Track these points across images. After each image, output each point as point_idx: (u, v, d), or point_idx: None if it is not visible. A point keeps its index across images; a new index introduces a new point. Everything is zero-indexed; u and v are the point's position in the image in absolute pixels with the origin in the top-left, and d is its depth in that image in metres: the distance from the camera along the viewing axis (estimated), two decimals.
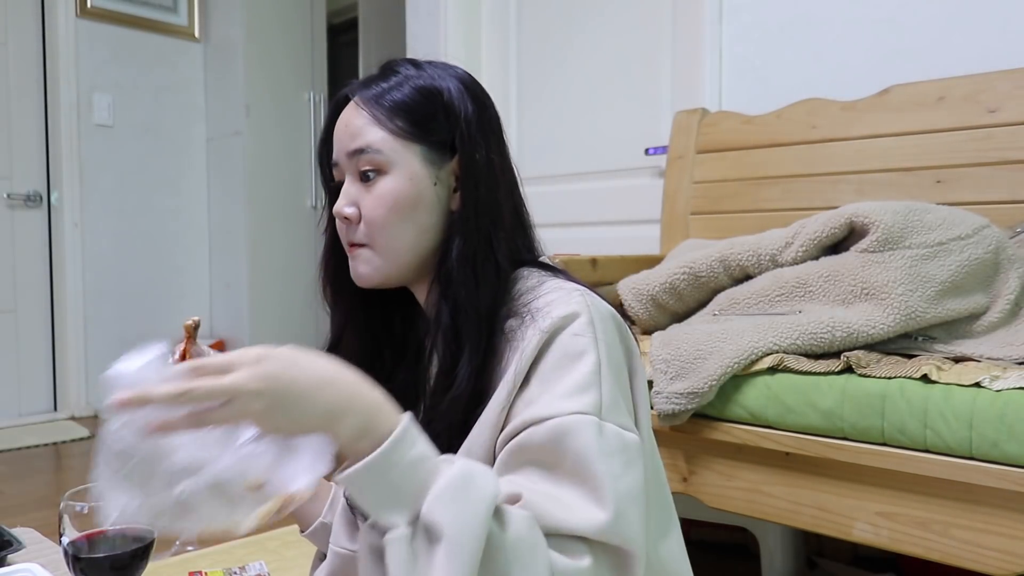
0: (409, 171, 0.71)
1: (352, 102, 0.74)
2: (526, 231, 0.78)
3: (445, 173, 0.73)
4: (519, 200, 0.78)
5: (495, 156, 0.74)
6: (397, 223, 0.72)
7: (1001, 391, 0.96)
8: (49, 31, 3.36)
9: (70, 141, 3.36)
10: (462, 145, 0.72)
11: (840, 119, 1.76)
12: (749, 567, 1.70)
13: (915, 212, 1.23)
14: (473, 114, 0.73)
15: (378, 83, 0.74)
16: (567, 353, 0.63)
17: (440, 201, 0.73)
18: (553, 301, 0.67)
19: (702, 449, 1.24)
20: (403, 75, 0.74)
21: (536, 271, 0.74)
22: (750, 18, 2.07)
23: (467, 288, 0.70)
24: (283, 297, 3.76)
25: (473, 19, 2.77)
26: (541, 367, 0.64)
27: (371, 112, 0.72)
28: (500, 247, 0.72)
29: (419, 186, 0.72)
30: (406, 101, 0.72)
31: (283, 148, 3.79)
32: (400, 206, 0.71)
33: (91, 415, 3.42)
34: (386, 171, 0.71)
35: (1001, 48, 1.67)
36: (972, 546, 1.00)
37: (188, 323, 0.79)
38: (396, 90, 0.73)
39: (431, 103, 0.72)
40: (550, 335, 0.64)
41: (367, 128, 0.72)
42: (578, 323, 0.65)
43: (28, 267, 3.38)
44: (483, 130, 0.74)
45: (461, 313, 0.69)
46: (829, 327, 1.16)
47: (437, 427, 0.68)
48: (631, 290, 1.50)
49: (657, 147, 2.24)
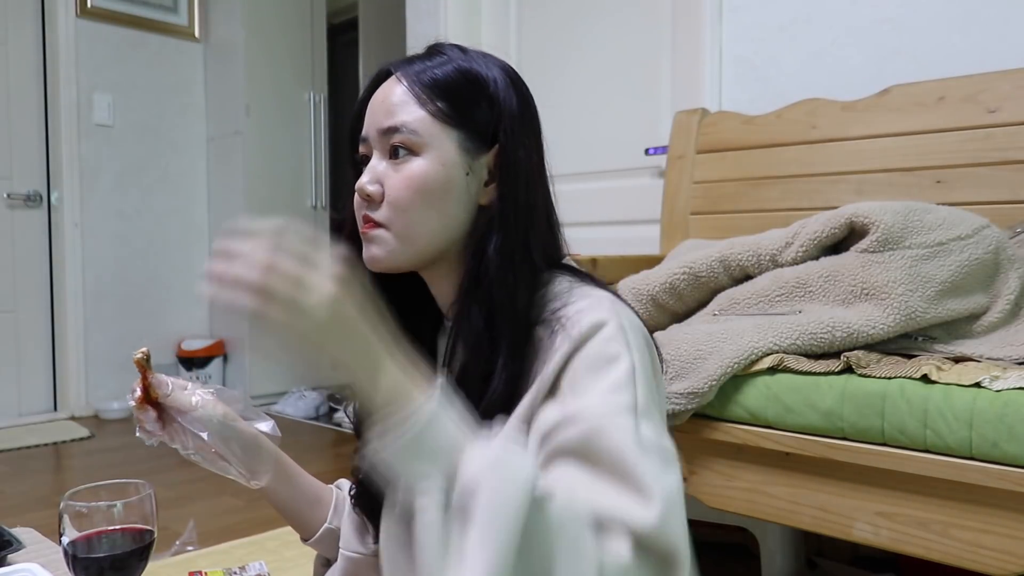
0: (443, 156, 0.68)
1: (393, 77, 0.70)
2: (556, 234, 0.76)
3: (479, 164, 0.70)
4: (551, 207, 0.76)
5: (535, 155, 0.72)
6: (421, 208, 0.68)
7: (1001, 391, 0.96)
8: (49, 31, 3.36)
9: (70, 141, 3.36)
10: (505, 138, 0.69)
11: (840, 119, 1.76)
12: (749, 567, 1.70)
13: (915, 212, 1.23)
14: (518, 108, 0.70)
15: (423, 62, 0.70)
16: (600, 356, 0.60)
17: (469, 193, 0.69)
18: (583, 309, 0.64)
19: (702, 449, 1.24)
20: (448, 57, 0.70)
21: (566, 276, 0.71)
22: (750, 18, 2.07)
23: (506, 288, 0.66)
24: None
25: (473, 19, 2.77)
26: (571, 374, 0.61)
27: (412, 89, 0.68)
28: (536, 247, 0.70)
29: (451, 173, 0.68)
30: (450, 83, 0.69)
31: (283, 148, 3.79)
32: (428, 190, 0.67)
33: (91, 415, 3.42)
34: (418, 152, 0.68)
35: (1001, 48, 1.67)
36: (972, 546, 1.00)
37: (137, 357, 0.75)
38: (440, 71, 0.69)
39: (475, 89, 0.69)
40: (580, 342, 0.61)
41: (405, 106, 0.68)
42: (609, 329, 0.62)
43: (28, 267, 3.38)
44: (526, 127, 0.71)
45: (498, 315, 0.66)
46: (829, 327, 1.16)
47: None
48: (631, 290, 1.50)
49: (657, 147, 2.24)
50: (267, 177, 3.69)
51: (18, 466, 2.66)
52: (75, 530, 0.69)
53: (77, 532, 0.69)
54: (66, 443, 2.96)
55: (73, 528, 0.69)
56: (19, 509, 2.16)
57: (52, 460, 2.81)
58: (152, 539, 0.72)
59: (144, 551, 0.71)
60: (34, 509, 2.16)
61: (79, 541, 0.69)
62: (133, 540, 0.71)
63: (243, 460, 0.79)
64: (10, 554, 0.97)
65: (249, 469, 0.80)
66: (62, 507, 0.70)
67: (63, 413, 3.41)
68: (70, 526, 0.69)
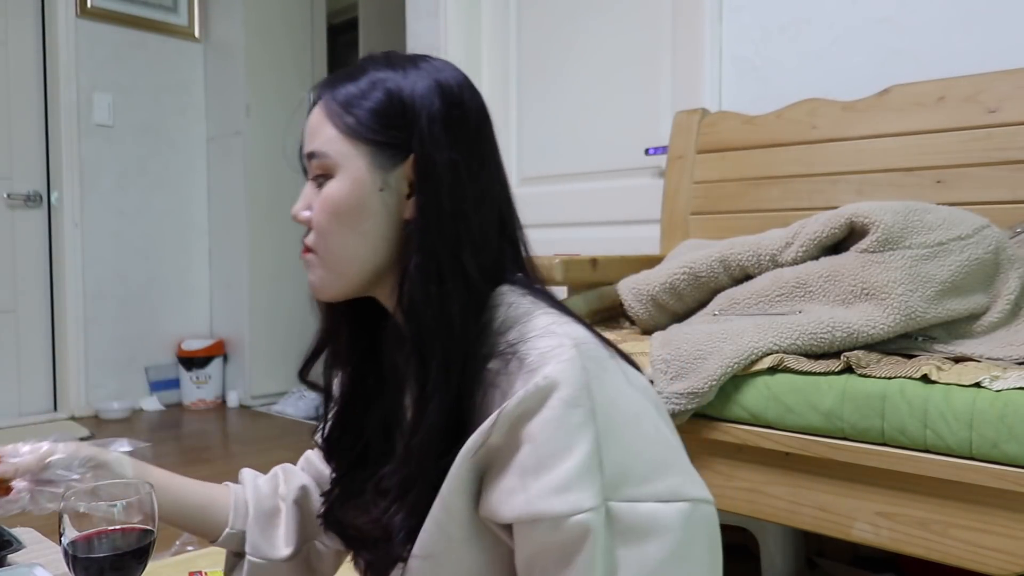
0: (353, 173, 0.66)
1: (319, 102, 0.70)
2: (503, 246, 0.69)
3: (395, 178, 0.66)
4: (504, 209, 0.70)
5: (462, 158, 0.65)
6: (339, 230, 0.66)
7: (1001, 391, 0.96)
8: (49, 31, 3.36)
9: (70, 141, 3.36)
10: (419, 144, 0.64)
11: (840, 119, 1.76)
12: (749, 567, 1.70)
13: (915, 212, 1.23)
14: (439, 112, 0.65)
15: (343, 81, 0.68)
16: (557, 432, 0.56)
17: (388, 209, 0.66)
18: (545, 353, 0.58)
19: (702, 449, 1.24)
20: (369, 73, 0.68)
21: (518, 294, 0.66)
22: (750, 18, 2.07)
23: (431, 309, 0.62)
24: (283, 297, 3.77)
25: (473, 19, 2.77)
26: (524, 447, 0.57)
27: (326, 109, 0.68)
28: (470, 262, 0.64)
29: (362, 191, 0.65)
30: (359, 97, 0.66)
31: (283, 148, 3.78)
32: (340, 212, 0.66)
33: (91, 415, 3.42)
34: (333, 174, 0.66)
35: (1001, 48, 1.67)
36: (972, 546, 1.00)
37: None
38: (354, 86, 0.67)
39: (387, 99, 0.66)
40: (538, 400, 0.56)
41: (321, 127, 0.67)
42: (569, 388, 0.56)
43: (28, 267, 3.38)
44: (449, 129, 0.65)
45: (426, 338, 0.62)
46: (829, 327, 1.16)
47: (412, 467, 0.63)
48: (631, 290, 1.50)
49: (657, 147, 2.24)
50: (267, 177, 3.69)
51: None
52: (75, 530, 0.69)
53: (77, 532, 0.69)
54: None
55: (73, 528, 0.69)
56: None
57: None
58: (152, 539, 0.72)
59: (144, 551, 0.71)
60: None
61: (79, 541, 0.69)
62: (133, 540, 0.71)
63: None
64: (10, 554, 0.97)
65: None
66: (62, 507, 0.70)
67: (63, 413, 3.41)
68: (70, 526, 0.69)
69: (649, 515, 0.57)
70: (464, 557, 0.63)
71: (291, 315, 3.79)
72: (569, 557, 0.56)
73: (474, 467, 0.60)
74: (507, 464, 0.58)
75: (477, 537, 0.62)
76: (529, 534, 0.58)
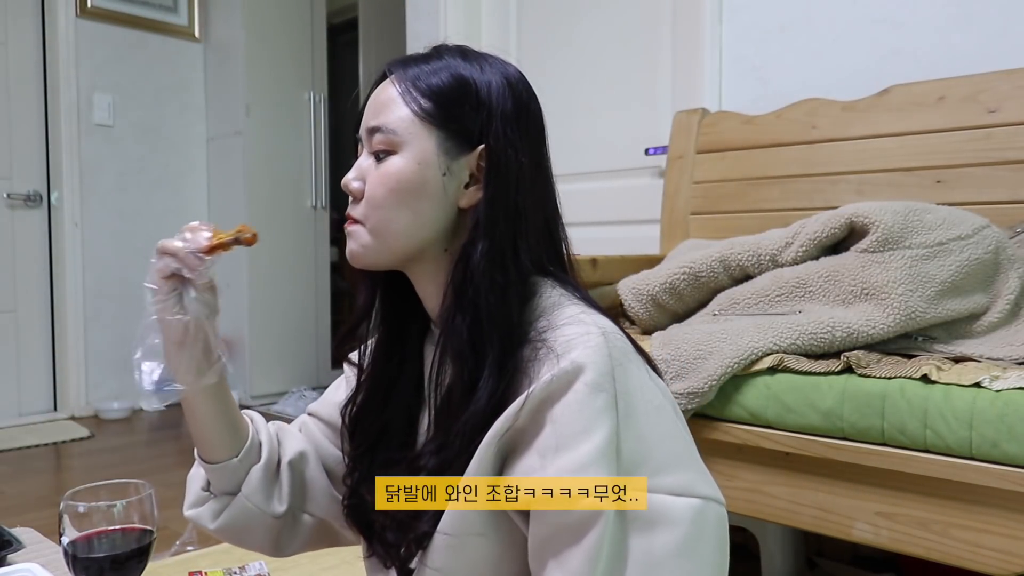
0: (419, 155, 0.68)
1: (389, 78, 0.71)
2: (554, 241, 0.74)
3: (459, 166, 0.69)
4: (552, 212, 0.74)
5: (528, 159, 0.70)
6: (395, 206, 0.68)
7: (1001, 391, 0.96)
8: (49, 31, 3.36)
9: (70, 141, 3.36)
10: (494, 141, 0.68)
11: (840, 119, 1.76)
12: (749, 567, 1.70)
13: (915, 212, 1.23)
14: (512, 111, 0.69)
15: (418, 63, 0.71)
16: (580, 414, 0.58)
17: (447, 193, 0.69)
18: (572, 340, 0.61)
19: (702, 449, 1.23)
20: (444, 59, 0.70)
21: (551, 286, 0.70)
22: (750, 18, 2.07)
23: (494, 295, 0.65)
24: (283, 297, 3.76)
25: (473, 19, 2.77)
26: (546, 428, 0.60)
27: (400, 89, 0.69)
28: (525, 253, 0.68)
29: (426, 172, 0.68)
30: (439, 84, 0.68)
31: (283, 148, 3.79)
32: (401, 188, 0.68)
33: (91, 415, 3.42)
34: (397, 151, 0.68)
35: (1001, 48, 1.67)
36: (972, 546, 1.00)
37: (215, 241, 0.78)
38: (431, 70, 0.69)
39: (463, 91, 0.69)
40: (564, 383, 0.59)
41: (392, 105, 0.69)
42: (594, 372, 0.59)
43: (28, 267, 3.38)
44: (519, 130, 0.69)
45: (485, 325, 0.65)
46: (829, 327, 1.16)
47: (449, 446, 0.65)
48: (631, 290, 1.50)
49: (657, 147, 2.24)
50: (267, 177, 3.69)
51: (18, 466, 2.66)
52: (75, 530, 0.69)
53: (77, 532, 0.69)
54: (66, 443, 2.96)
55: (73, 528, 0.69)
56: (19, 509, 2.16)
57: (52, 460, 2.81)
58: (152, 539, 0.72)
59: (144, 551, 0.71)
60: (34, 509, 2.16)
61: (79, 541, 0.69)
62: (133, 540, 0.71)
63: (205, 353, 0.74)
64: (10, 554, 0.97)
65: (206, 364, 0.75)
66: (62, 507, 0.70)
67: (63, 413, 3.41)
68: (70, 526, 0.69)
69: (660, 506, 0.59)
70: (482, 544, 0.65)
71: (291, 315, 3.79)
72: (579, 537, 0.58)
73: (499, 450, 0.62)
74: (529, 445, 0.61)
75: (495, 524, 0.64)
76: (544, 514, 0.59)
